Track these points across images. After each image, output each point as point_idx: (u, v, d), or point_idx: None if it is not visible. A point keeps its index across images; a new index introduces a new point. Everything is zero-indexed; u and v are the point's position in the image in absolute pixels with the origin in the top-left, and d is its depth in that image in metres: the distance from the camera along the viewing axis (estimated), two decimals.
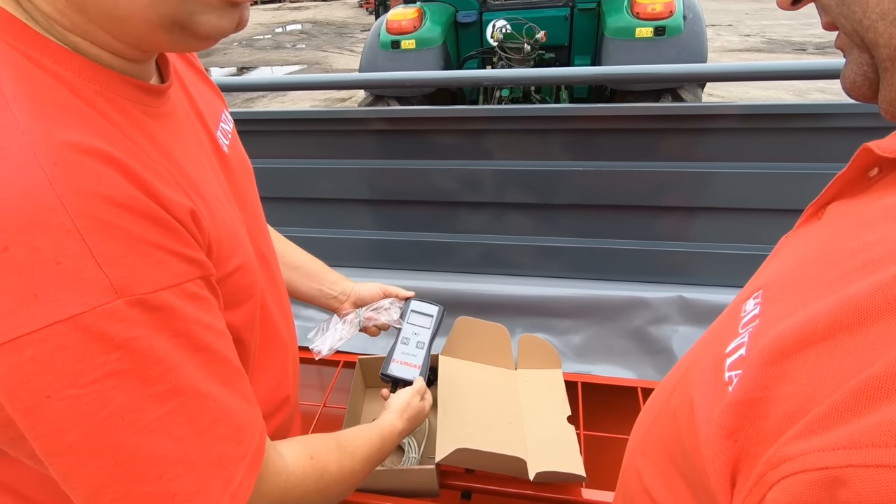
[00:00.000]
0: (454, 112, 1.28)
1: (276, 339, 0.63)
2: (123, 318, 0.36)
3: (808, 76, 1.15)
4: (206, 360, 0.42)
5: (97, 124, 0.39)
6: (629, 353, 1.24)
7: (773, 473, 0.27)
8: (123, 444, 0.37)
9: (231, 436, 0.43)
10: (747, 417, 0.30)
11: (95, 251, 0.35)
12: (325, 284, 0.90)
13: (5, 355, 0.34)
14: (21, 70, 0.37)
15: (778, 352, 0.30)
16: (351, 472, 0.59)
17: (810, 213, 0.43)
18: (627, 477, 0.50)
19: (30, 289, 0.34)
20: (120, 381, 0.37)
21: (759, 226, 1.25)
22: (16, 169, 0.34)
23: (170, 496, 0.39)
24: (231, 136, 0.61)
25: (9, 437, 0.37)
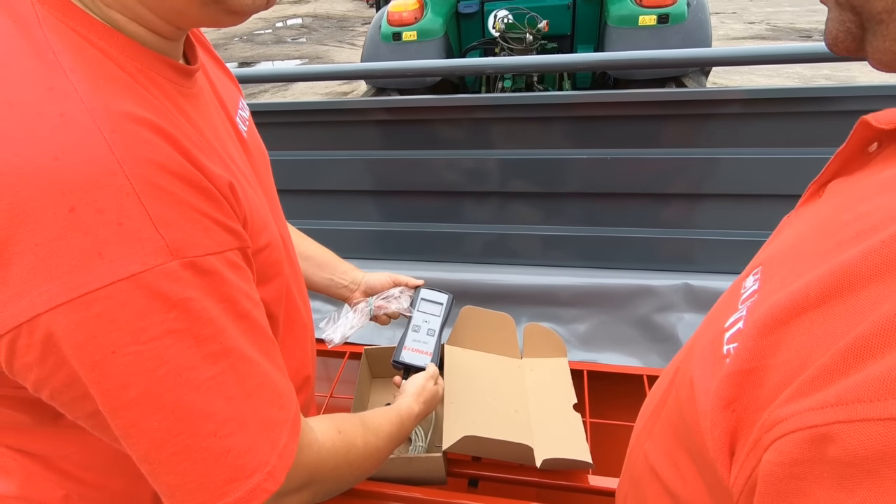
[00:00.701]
0: (458, 101, 1.28)
1: (297, 320, 0.65)
2: (179, 279, 0.38)
3: (810, 59, 1.13)
4: (248, 327, 0.43)
5: (144, 97, 0.40)
6: (635, 341, 1.24)
7: (767, 436, 0.28)
8: (181, 400, 0.39)
9: (274, 400, 0.44)
10: (744, 387, 0.31)
11: (152, 214, 0.37)
12: (335, 274, 0.91)
13: (74, 311, 0.35)
14: (75, 44, 0.38)
15: (772, 321, 0.30)
16: (376, 448, 0.61)
17: (811, 192, 0.43)
18: (633, 458, 0.50)
19: (95, 248, 0.35)
20: (177, 340, 0.38)
21: (765, 212, 1.24)
22: (79, 134, 0.35)
23: (224, 452, 0.40)
24: (249, 124, 0.63)
25: (72, 395, 0.38)
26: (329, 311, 1.40)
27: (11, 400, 0.45)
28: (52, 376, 0.37)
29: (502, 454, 0.92)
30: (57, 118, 0.35)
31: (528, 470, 0.93)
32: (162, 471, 0.40)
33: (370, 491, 0.87)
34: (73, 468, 0.49)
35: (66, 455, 0.49)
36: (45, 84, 0.36)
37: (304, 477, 0.48)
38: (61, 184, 0.34)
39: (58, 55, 0.37)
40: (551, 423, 1.00)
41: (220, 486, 0.40)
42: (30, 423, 0.47)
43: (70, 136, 0.35)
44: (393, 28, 3.06)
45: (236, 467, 0.41)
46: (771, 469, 0.27)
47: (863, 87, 1.10)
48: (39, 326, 0.35)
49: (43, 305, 0.35)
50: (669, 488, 0.42)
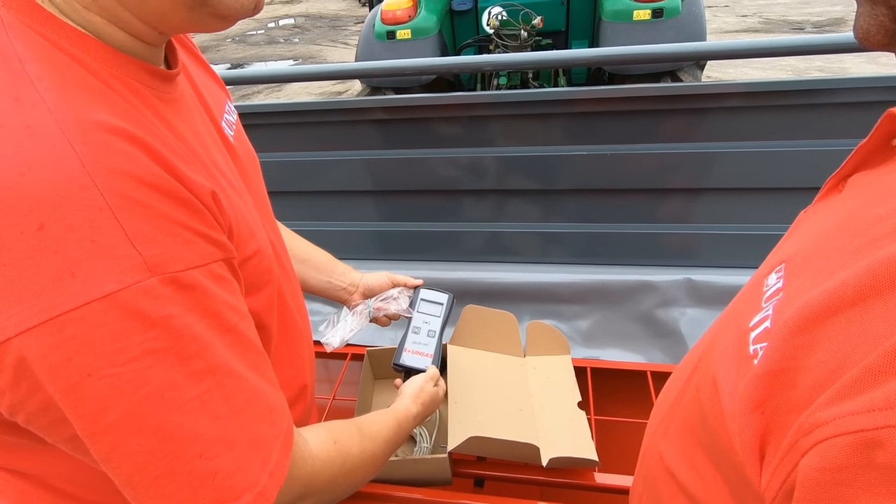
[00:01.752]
0: (454, 99, 1.27)
1: (292, 327, 0.63)
2: (158, 296, 0.36)
3: (805, 52, 1.13)
4: (234, 341, 0.42)
5: (119, 105, 0.39)
6: (638, 337, 1.23)
7: (806, 440, 0.27)
8: (164, 422, 0.37)
9: (265, 416, 0.43)
10: (774, 388, 0.30)
11: (127, 229, 0.35)
12: (333, 276, 0.90)
13: (46, 334, 0.33)
14: (43, 51, 0.37)
15: (805, 321, 0.30)
16: (372, 455, 0.59)
17: (830, 187, 0.42)
18: (648, 459, 0.50)
19: (67, 267, 0.33)
20: (158, 360, 0.36)
21: (766, 205, 1.24)
22: (46, 146, 0.34)
23: (211, 474, 0.39)
24: (236, 128, 0.61)
25: (48, 420, 0.37)
26: (328, 313, 1.39)
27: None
28: (26, 401, 0.36)
29: (508, 454, 0.91)
30: (23, 131, 0.34)
31: (534, 469, 0.93)
32: (146, 495, 0.38)
33: (376, 493, 0.86)
34: (67, 486, 0.48)
35: (58, 473, 0.47)
36: (10, 94, 0.35)
37: (299, 491, 0.46)
38: (28, 201, 0.33)
39: (24, 63, 0.36)
40: (556, 421, 0.99)
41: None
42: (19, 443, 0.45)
43: (37, 149, 0.33)
44: (387, 26, 3.04)
45: (224, 489, 0.39)
46: (812, 474, 0.26)
47: (860, 79, 1.10)
48: (10, 351, 0.33)
49: (13, 329, 0.33)
50: (687, 490, 0.41)
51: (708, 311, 1.21)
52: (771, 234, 1.24)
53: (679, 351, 1.20)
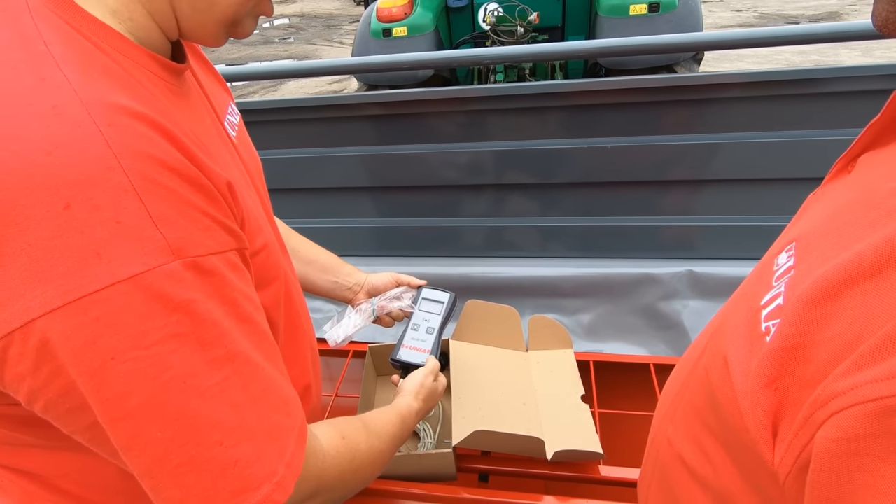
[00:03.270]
0: (453, 93, 1.26)
1: (297, 326, 0.63)
2: (181, 280, 0.36)
3: (801, 41, 1.13)
4: (251, 330, 0.42)
5: (139, 91, 0.39)
6: (640, 330, 1.23)
7: (822, 412, 0.26)
8: (186, 408, 0.37)
9: (280, 406, 0.43)
10: (788, 364, 0.30)
11: (152, 211, 0.35)
12: (340, 277, 0.90)
13: (71, 315, 0.33)
14: (67, 36, 0.37)
15: (820, 294, 0.29)
16: (379, 451, 0.59)
17: (839, 168, 0.42)
18: (657, 446, 0.50)
19: (92, 247, 0.33)
20: (180, 345, 0.36)
21: (766, 196, 1.24)
22: (72, 127, 0.33)
23: (231, 462, 0.38)
24: (238, 128, 0.61)
25: (68, 407, 0.36)
26: (328, 311, 1.39)
27: (7, 419, 0.43)
28: (46, 387, 0.35)
29: (513, 448, 0.91)
30: (49, 110, 0.33)
31: (539, 463, 0.92)
32: (165, 485, 0.38)
33: (381, 489, 0.86)
34: (73, 487, 0.47)
35: (65, 474, 0.47)
36: (36, 75, 0.34)
37: (311, 487, 0.46)
38: (55, 180, 0.32)
39: (49, 45, 0.36)
40: (560, 415, 0.99)
41: (228, 498, 0.38)
42: (27, 441, 0.45)
43: (63, 129, 0.33)
44: (383, 24, 3.03)
45: (244, 478, 0.39)
46: (828, 446, 0.26)
47: (859, 68, 1.10)
48: (34, 333, 0.33)
49: (37, 310, 0.32)
50: (697, 474, 0.41)
51: (710, 303, 1.21)
52: (772, 226, 1.23)
53: (682, 343, 1.20)
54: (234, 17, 0.43)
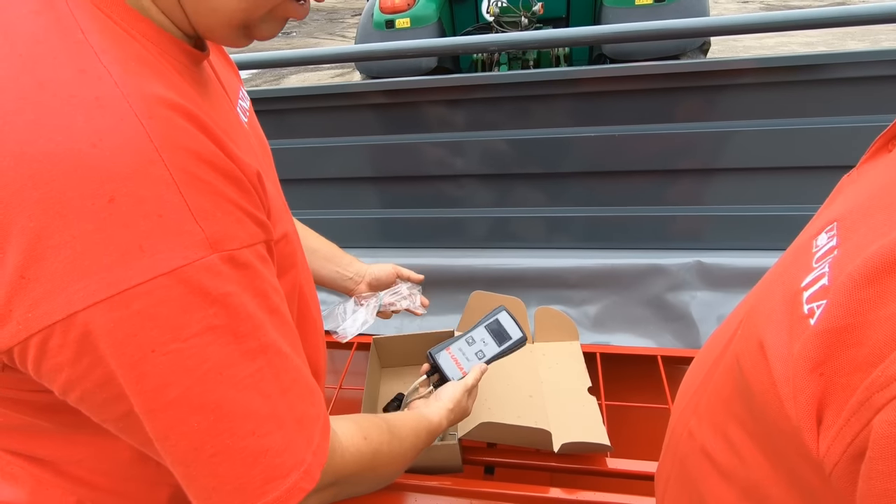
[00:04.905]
0: (457, 81, 1.24)
1: (309, 315, 0.63)
2: (219, 273, 0.36)
3: (813, 25, 1.10)
4: (280, 322, 0.42)
5: (174, 81, 0.39)
6: (648, 322, 1.22)
7: (881, 395, 0.25)
8: (222, 399, 0.37)
9: (307, 396, 0.43)
10: (836, 347, 0.28)
11: (191, 205, 0.35)
12: (341, 267, 0.90)
13: (114, 308, 0.33)
14: (102, 24, 0.37)
15: (873, 272, 0.27)
16: (401, 456, 0.59)
17: (878, 147, 0.40)
18: (677, 438, 0.48)
19: (135, 241, 0.33)
20: (217, 337, 0.36)
21: (776, 186, 1.21)
22: (115, 119, 0.33)
23: (263, 451, 0.39)
24: (249, 114, 0.60)
25: (104, 396, 0.36)
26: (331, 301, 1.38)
27: (27, 405, 0.43)
28: (84, 377, 0.35)
29: (519, 440, 0.90)
30: (92, 102, 0.33)
31: (545, 455, 0.91)
32: (199, 474, 0.38)
33: None
34: (86, 473, 0.48)
35: (78, 460, 0.47)
36: (76, 65, 0.34)
37: (329, 478, 0.46)
38: (100, 172, 0.32)
39: (86, 35, 0.35)
40: (567, 407, 0.98)
41: (259, 486, 0.39)
42: (44, 427, 0.45)
43: (107, 121, 0.33)
44: (386, 16, 3.01)
45: (274, 467, 0.40)
46: (889, 430, 0.24)
47: (872, 52, 1.07)
48: (76, 325, 0.33)
49: (80, 303, 0.33)
50: (721, 466, 0.39)
51: (719, 294, 1.19)
52: (782, 216, 1.21)
53: (690, 335, 1.18)
54: (244, 21, 0.43)
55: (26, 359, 0.34)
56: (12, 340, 0.33)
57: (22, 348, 0.34)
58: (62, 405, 0.38)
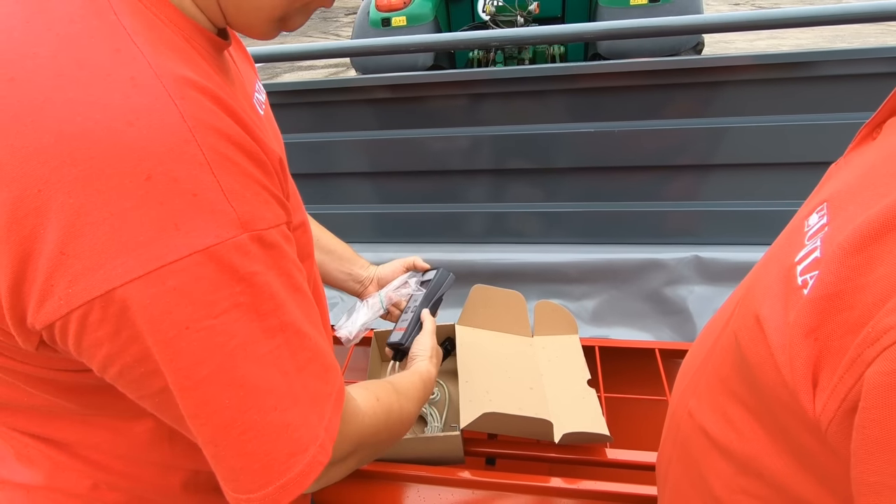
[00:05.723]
0: (456, 76, 1.25)
1: (320, 304, 0.64)
2: (248, 252, 0.37)
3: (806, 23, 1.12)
4: (301, 300, 0.43)
5: (200, 65, 0.39)
6: (646, 316, 1.23)
7: (871, 349, 0.26)
8: (248, 375, 0.38)
9: (321, 374, 0.44)
10: (829, 312, 0.29)
11: (223, 185, 0.36)
12: (354, 269, 0.91)
13: (150, 284, 0.34)
14: (133, 6, 0.38)
15: (862, 239, 0.29)
16: (409, 413, 0.61)
17: (864, 135, 0.41)
18: (677, 420, 0.49)
19: (171, 218, 0.34)
20: (242, 314, 0.37)
21: (773, 181, 1.23)
22: (150, 99, 0.34)
23: (285, 426, 0.40)
24: (265, 107, 0.61)
25: (142, 371, 0.37)
26: (333, 298, 1.38)
27: (54, 385, 0.43)
28: (123, 351, 0.36)
29: (521, 430, 0.91)
30: (127, 81, 0.34)
31: (545, 446, 0.92)
32: (228, 454, 0.39)
33: (389, 472, 0.86)
34: (102, 457, 0.48)
35: (95, 444, 0.47)
36: (111, 45, 0.35)
37: (351, 446, 0.47)
38: (138, 151, 0.33)
39: (119, 16, 0.36)
40: (567, 398, 0.99)
41: (283, 461, 0.40)
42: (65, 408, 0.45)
43: (143, 100, 0.34)
44: (382, 14, 3.01)
45: (294, 441, 0.40)
46: (879, 380, 0.25)
47: (866, 50, 1.09)
48: (115, 300, 0.33)
49: (118, 279, 0.33)
50: (720, 444, 0.40)
51: (716, 289, 1.20)
52: (779, 210, 1.23)
53: (688, 328, 1.20)
54: (284, 13, 0.44)
55: (67, 334, 0.35)
56: (54, 315, 0.34)
57: (63, 323, 0.34)
58: (87, 386, 0.39)
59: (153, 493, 0.52)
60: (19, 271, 0.33)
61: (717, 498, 0.41)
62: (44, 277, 0.33)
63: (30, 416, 0.46)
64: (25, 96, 0.33)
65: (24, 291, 0.34)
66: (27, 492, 0.49)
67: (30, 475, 0.48)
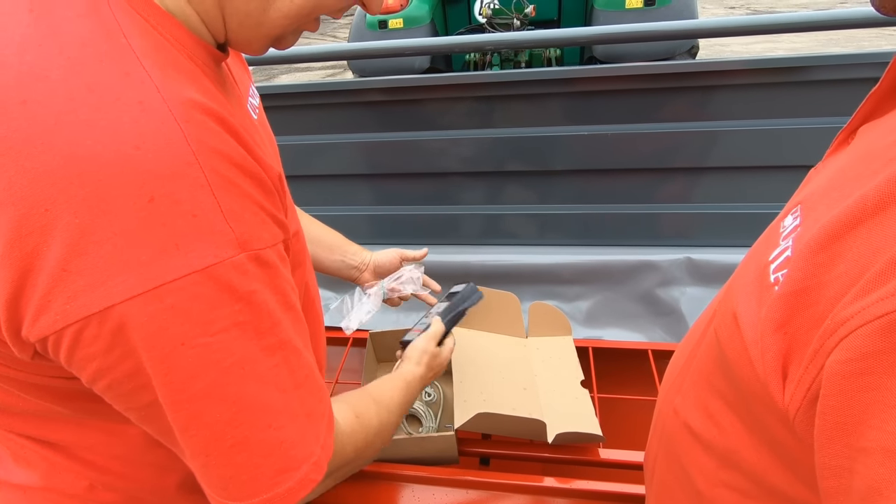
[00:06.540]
0: (451, 80, 1.26)
1: (312, 310, 0.64)
2: (246, 272, 0.38)
3: (801, 28, 1.14)
4: (295, 318, 0.44)
5: (203, 85, 0.40)
6: (639, 317, 1.24)
7: (831, 340, 0.27)
8: (243, 392, 0.39)
9: (316, 392, 0.45)
10: (797, 308, 0.30)
11: (223, 206, 0.37)
12: (346, 256, 0.91)
13: (148, 302, 0.35)
14: (142, 28, 0.38)
15: (826, 237, 0.30)
16: (389, 423, 0.61)
17: (840, 141, 0.43)
18: (663, 419, 0.50)
19: (172, 239, 0.35)
20: (241, 332, 0.38)
21: (764, 184, 1.24)
22: (157, 123, 0.35)
23: (278, 443, 0.41)
24: (259, 112, 0.62)
25: (132, 386, 0.37)
26: (328, 299, 1.38)
27: (49, 391, 0.44)
28: (114, 367, 0.36)
29: (515, 431, 0.92)
30: (136, 106, 0.35)
31: (539, 446, 0.93)
32: (218, 463, 0.40)
33: (383, 472, 0.86)
34: (98, 458, 0.49)
35: (90, 445, 0.48)
36: (121, 69, 0.36)
37: (333, 466, 0.47)
38: (142, 173, 0.34)
39: (129, 39, 0.37)
40: (560, 399, 1.00)
41: (272, 476, 0.41)
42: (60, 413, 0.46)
43: (150, 125, 0.35)
44: (378, 16, 3.02)
45: (287, 458, 0.41)
46: (837, 368, 0.26)
47: (858, 55, 1.11)
48: (112, 317, 0.34)
49: (119, 296, 0.34)
50: (702, 438, 0.41)
51: (708, 290, 1.22)
52: (771, 213, 1.23)
53: (680, 329, 1.21)
54: (282, 33, 0.45)
55: (59, 348, 0.35)
56: (49, 329, 0.35)
57: (57, 337, 0.35)
58: (82, 392, 0.39)
59: (149, 493, 0.52)
60: (18, 286, 0.34)
61: (700, 492, 0.42)
62: (42, 293, 0.34)
63: (25, 419, 0.47)
64: (37, 119, 0.33)
65: (21, 305, 0.34)
66: (24, 493, 0.49)
67: (26, 476, 0.49)
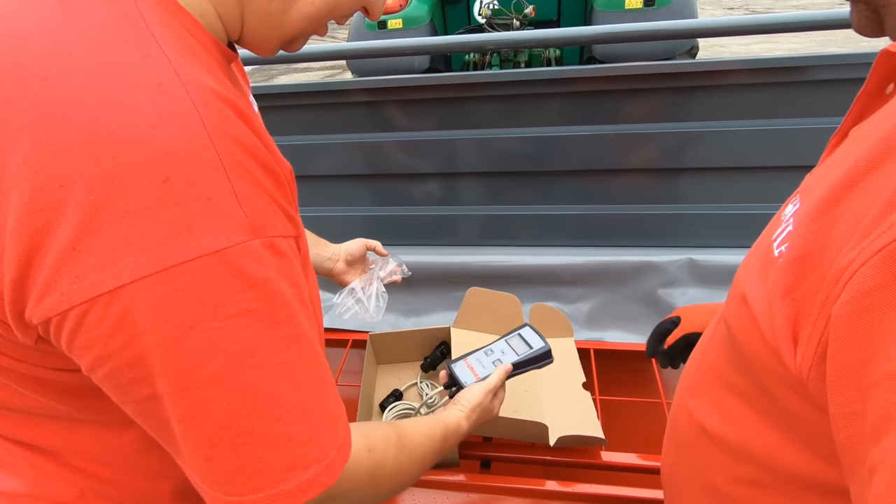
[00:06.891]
0: (449, 80, 1.25)
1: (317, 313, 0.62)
2: (259, 258, 0.37)
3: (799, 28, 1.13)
4: (310, 316, 0.43)
5: (219, 76, 0.40)
6: (640, 318, 1.23)
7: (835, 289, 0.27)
8: (252, 381, 0.38)
9: (333, 392, 0.44)
10: (802, 272, 0.31)
11: (237, 191, 0.36)
12: (319, 248, 0.93)
13: (159, 283, 0.34)
14: (162, 16, 0.39)
15: (824, 204, 0.31)
16: (407, 469, 0.55)
17: (833, 144, 0.43)
18: (678, 424, 0.50)
19: (185, 220, 0.34)
20: (253, 320, 0.37)
21: (767, 184, 1.24)
22: (175, 104, 0.35)
23: (286, 439, 0.39)
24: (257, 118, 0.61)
25: (132, 376, 0.37)
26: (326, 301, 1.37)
27: (48, 385, 0.43)
28: (116, 354, 0.36)
29: (516, 433, 0.91)
30: (154, 87, 0.35)
31: (540, 449, 0.92)
32: (223, 455, 0.39)
33: None
34: (89, 465, 0.47)
35: (81, 451, 0.47)
36: (141, 51, 0.36)
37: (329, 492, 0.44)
38: (159, 153, 0.34)
39: (149, 24, 0.37)
40: (562, 401, 0.99)
41: (278, 473, 0.39)
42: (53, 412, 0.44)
43: (168, 105, 0.35)
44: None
45: (295, 456, 0.40)
46: (843, 310, 0.26)
47: (856, 55, 1.10)
48: (120, 298, 0.34)
49: (129, 276, 0.33)
50: (717, 437, 0.41)
51: (710, 291, 1.21)
52: (773, 213, 1.24)
53: None
54: (297, 35, 0.46)
55: (61, 331, 0.35)
56: (52, 311, 0.34)
57: (60, 319, 0.34)
58: (81, 388, 0.38)
59: (142, 501, 0.51)
60: (25, 264, 0.33)
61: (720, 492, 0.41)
62: (48, 272, 0.33)
63: (17, 420, 0.46)
64: (57, 95, 0.33)
65: (27, 285, 0.34)
66: (10, 500, 0.48)
67: (13, 483, 0.47)
